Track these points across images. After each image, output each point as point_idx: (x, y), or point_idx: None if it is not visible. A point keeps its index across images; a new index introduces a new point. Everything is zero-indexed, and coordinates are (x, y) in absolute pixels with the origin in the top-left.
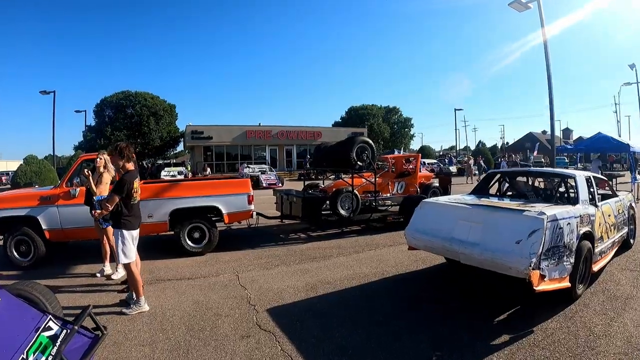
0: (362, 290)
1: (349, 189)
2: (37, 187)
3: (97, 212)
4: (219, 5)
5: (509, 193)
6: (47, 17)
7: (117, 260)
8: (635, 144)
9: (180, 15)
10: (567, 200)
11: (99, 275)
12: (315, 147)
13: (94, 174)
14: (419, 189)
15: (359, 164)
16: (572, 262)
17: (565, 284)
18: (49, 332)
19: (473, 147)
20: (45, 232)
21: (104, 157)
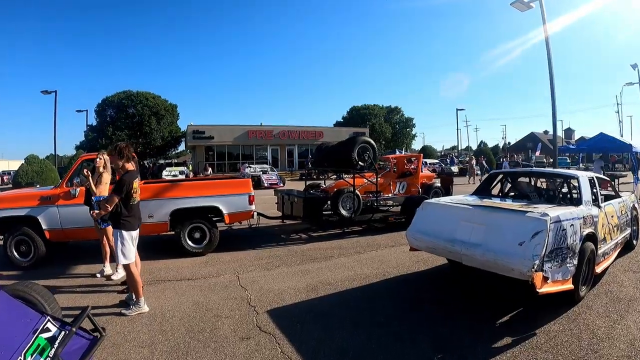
0: (363, 291)
1: (351, 189)
2: (38, 186)
3: (95, 212)
4: (219, 5)
5: (512, 194)
6: (47, 16)
7: (116, 261)
8: (638, 144)
9: (180, 15)
10: (570, 201)
11: (99, 276)
12: (317, 146)
13: (94, 174)
14: (421, 189)
15: (361, 164)
16: (575, 263)
17: (568, 286)
18: (47, 333)
19: (475, 147)
20: (45, 232)
21: (104, 157)
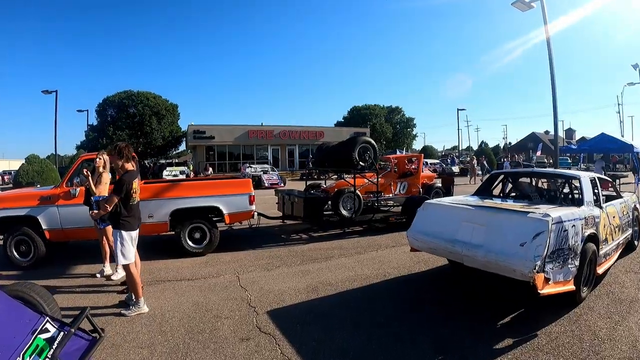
0: (363, 292)
1: (351, 189)
2: (39, 186)
3: (94, 212)
4: (219, 5)
5: (513, 194)
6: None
7: (116, 261)
8: (639, 145)
9: (180, 15)
10: (571, 202)
11: (99, 276)
12: (317, 146)
13: (94, 174)
14: (422, 190)
15: (361, 164)
16: (576, 264)
17: (570, 287)
18: (46, 334)
19: (475, 147)
20: (45, 232)
21: (103, 157)
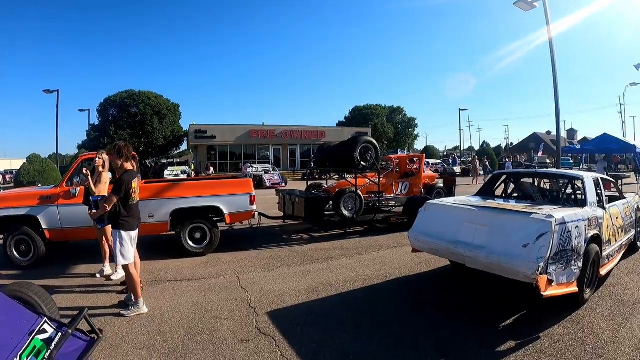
0: (364, 293)
1: (352, 190)
2: (40, 186)
3: (93, 212)
4: (219, 5)
5: (515, 195)
6: (47, 16)
7: (115, 262)
8: None
9: (180, 15)
10: (574, 203)
11: (99, 276)
12: (319, 146)
13: (94, 174)
14: (423, 190)
15: (363, 164)
16: (579, 266)
17: (573, 289)
18: (44, 335)
19: (477, 147)
20: (45, 231)
21: (103, 156)
